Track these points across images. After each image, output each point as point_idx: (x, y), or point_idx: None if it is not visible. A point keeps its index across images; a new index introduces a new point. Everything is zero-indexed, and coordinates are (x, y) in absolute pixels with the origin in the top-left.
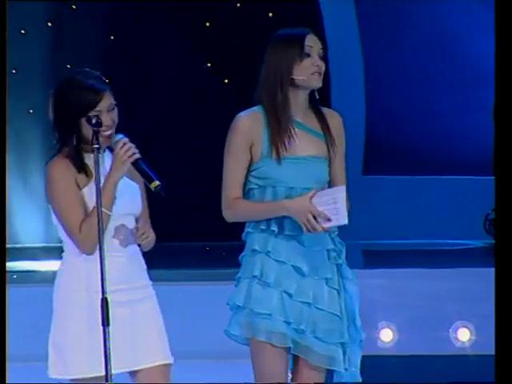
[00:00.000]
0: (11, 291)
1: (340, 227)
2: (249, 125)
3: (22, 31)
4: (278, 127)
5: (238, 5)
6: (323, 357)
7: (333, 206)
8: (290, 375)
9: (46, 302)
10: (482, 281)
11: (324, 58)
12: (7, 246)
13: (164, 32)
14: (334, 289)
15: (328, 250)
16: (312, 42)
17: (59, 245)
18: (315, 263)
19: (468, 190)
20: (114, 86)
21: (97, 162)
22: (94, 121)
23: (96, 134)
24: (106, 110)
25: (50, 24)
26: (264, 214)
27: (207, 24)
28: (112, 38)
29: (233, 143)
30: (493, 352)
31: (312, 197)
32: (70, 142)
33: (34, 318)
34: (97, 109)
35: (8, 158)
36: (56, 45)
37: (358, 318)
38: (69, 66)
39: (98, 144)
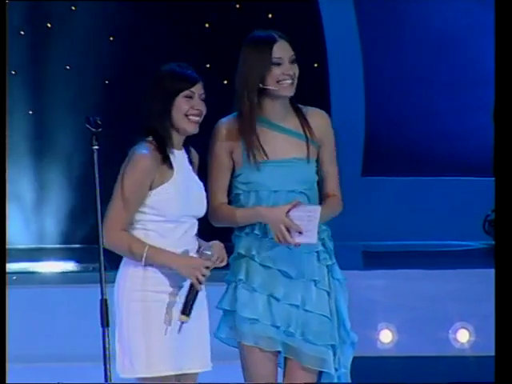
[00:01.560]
0: (11, 292)
1: (338, 227)
2: (227, 131)
3: (22, 32)
4: (245, 135)
5: (238, 6)
6: (314, 358)
7: (306, 223)
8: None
9: (45, 302)
10: (482, 282)
11: (296, 62)
12: (7, 246)
13: (163, 33)
14: (324, 290)
15: (317, 252)
16: (280, 51)
17: (58, 246)
18: (302, 265)
19: (468, 190)
20: (113, 87)
21: (95, 165)
22: (93, 121)
23: (95, 135)
24: (198, 96)
25: (49, 25)
26: (242, 221)
27: (206, 25)
28: (111, 39)
29: (213, 150)
30: (492, 353)
31: (290, 209)
32: (162, 128)
33: (33, 319)
34: (192, 89)
35: (8, 159)
36: (55, 46)
37: (347, 320)
38: (68, 68)
39: (97, 145)
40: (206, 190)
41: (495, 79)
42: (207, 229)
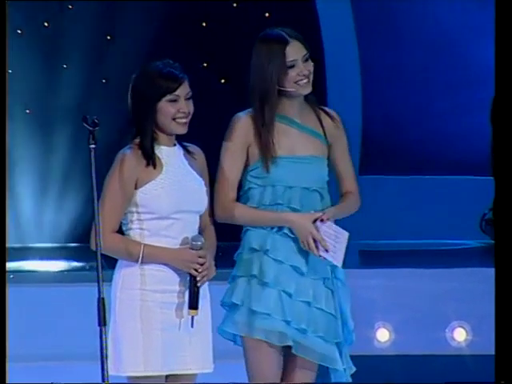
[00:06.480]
0: (10, 291)
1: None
2: (245, 126)
3: (19, 31)
4: (263, 131)
5: (235, 5)
6: (322, 356)
7: (333, 243)
8: None
9: (43, 301)
10: (479, 281)
11: (310, 58)
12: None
13: (161, 31)
14: (329, 289)
15: None
16: (293, 53)
17: (55, 245)
18: (313, 263)
19: (465, 189)
20: (111, 86)
21: (92, 163)
22: (90, 120)
23: (92, 133)
24: (184, 97)
25: (46, 24)
26: (264, 222)
27: (204, 24)
28: (108, 37)
29: (230, 143)
30: (489, 352)
31: (316, 219)
32: (145, 130)
33: (31, 318)
34: (176, 93)
35: (7, 159)
36: (52, 45)
37: (350, 320)
38: (65, 66)
39: (94, 144)
40: (212, 185)
41: (495, 80)
42: (214, 226)
